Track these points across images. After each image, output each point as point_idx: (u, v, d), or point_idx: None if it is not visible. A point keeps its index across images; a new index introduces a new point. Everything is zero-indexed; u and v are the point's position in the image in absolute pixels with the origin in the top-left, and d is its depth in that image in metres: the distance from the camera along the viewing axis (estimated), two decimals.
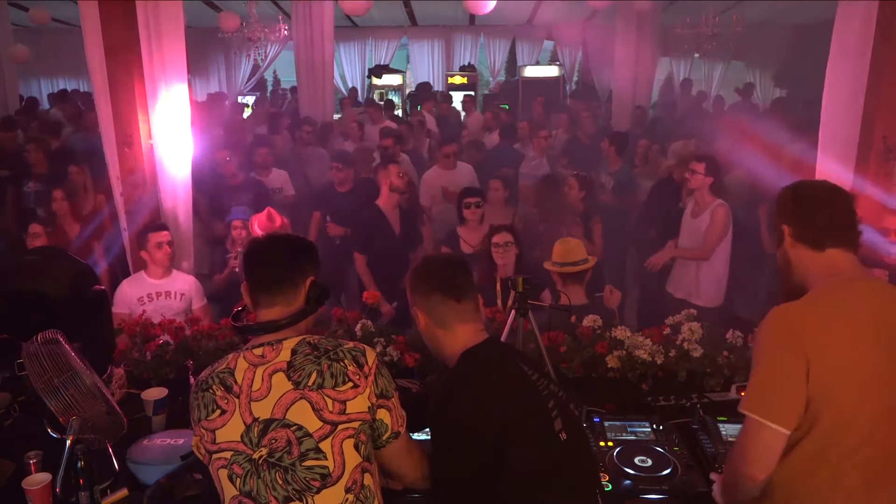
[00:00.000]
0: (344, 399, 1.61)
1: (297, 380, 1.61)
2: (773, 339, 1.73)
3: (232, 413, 1.61)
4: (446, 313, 1.87)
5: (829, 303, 1.75)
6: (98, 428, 2.05)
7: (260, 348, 1.67)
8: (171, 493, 2.14)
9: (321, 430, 1.59)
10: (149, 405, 2.59)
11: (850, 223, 1.83)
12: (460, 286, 1.89)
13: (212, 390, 1.64)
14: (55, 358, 2.01)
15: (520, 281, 2.61)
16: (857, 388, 1.68)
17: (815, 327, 1.69)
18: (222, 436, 1.61)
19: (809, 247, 1.83)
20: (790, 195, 1.90)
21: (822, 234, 1.81)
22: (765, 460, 1.71)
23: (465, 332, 1.88)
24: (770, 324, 1.75)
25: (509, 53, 13.76)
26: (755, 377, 1.73)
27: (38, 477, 2.10)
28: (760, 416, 1.69)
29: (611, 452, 2.36)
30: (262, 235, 2.32)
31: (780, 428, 1.68)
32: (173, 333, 3.09)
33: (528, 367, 1.88)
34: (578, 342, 2.99)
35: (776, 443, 1.70)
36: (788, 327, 1.71)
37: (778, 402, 1.69)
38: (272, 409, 1.59)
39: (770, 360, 1.71)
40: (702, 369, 2.90)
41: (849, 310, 1.73)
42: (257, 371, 1.63)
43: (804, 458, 1.72)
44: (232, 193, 5.18)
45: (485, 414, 1.71)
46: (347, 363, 1.65)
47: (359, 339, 3.03)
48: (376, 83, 13.00)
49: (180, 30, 3.68)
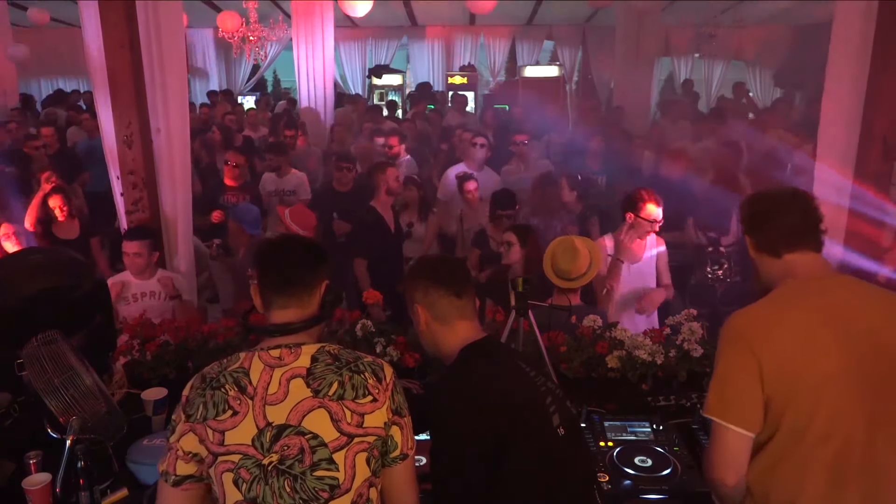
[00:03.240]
0: (363, 412, 1.59)
1: (316, 388, 1.58)
2: (726, 344, 1.78)
3: (245, 415, 1.56)
4: (448, 309, 1.88)
5: (781, 305, 1.80)
6: (98, 428, 2.05)
7: (277, 350, 1.63)
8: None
9: (337, 440, 1.56)
10: (149, 405, 2.59)
11: (808, 227, 1.88)
12: (460, 283, 1.91)
13: (224, 389, 1.58)
14: (55, 358, 2.01)
15: (520, 281, 2.61)
16: (814, 384, 1.69)
17: (765, 330, 1.74)
18: (232, 438, 1.55)
19: (768, 254, 1.91)
20: (746, 207, 1.99)
21: (777, 242, 1.88)
22: (732, 463, 1.74)
23: (464, 329, 1.89)
24: (724, 329, 1.80)
25: (509, 53, 13.76)
26: (713, 381, 1.78)
27: (38, 477, 2.10)
28: (721, 419, 1.73)
29: (611, 452, 2.36)
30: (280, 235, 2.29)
31: (742, 430, 1.72)
32: (173, 333, 3.09)
33: (525, 364, 1.90)
34: (578, 342, 2.99)
35: (741, 445, 1.73)
36: (738, 331, 1.76)
37: (737, 405, 1.73)
38: (287, 415, 1.56)
39: (725, 365, 1.77)
40: (702, 369, 2.90)
41: (800, 309, 1.77)
42: (274, 373, 1.59)
43: (771, 457, 1.74)
44: (230, 193, 5.19)
45: (484, 408, 1.71)
46: (367, 376, 1.63)
47: (359, 339, 3.03)
48: (376, 83, 13.00)
49: (180, 30, 3.68)
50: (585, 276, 3.21)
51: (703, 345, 2.93)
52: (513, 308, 2.63)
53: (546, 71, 13.17)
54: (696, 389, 2.81)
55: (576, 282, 3.21)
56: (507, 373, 1.84)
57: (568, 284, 3.22)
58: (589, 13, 11.22)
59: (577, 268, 3.18)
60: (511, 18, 12.22)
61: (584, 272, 3.20)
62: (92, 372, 2.14)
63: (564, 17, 12.14)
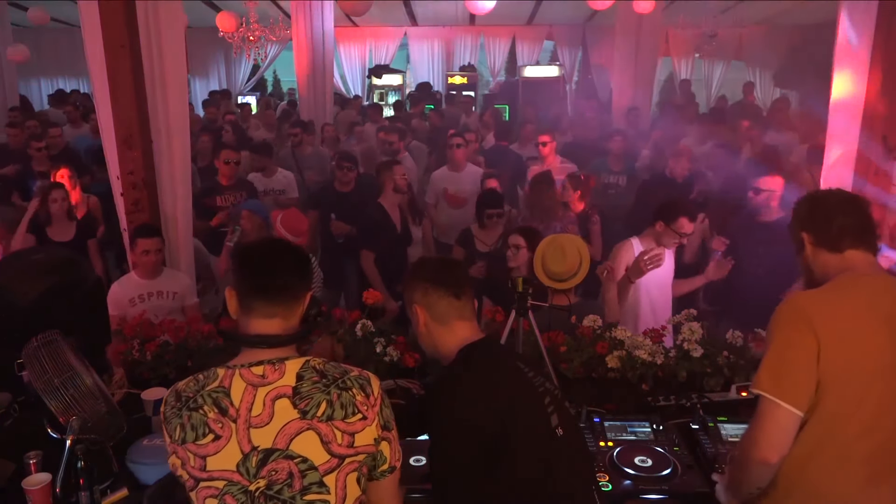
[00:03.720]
0: (353, 431, 1.53)
1: (304, 409, 1.49)
2: (786, 322, 1.78)
3: (228, 439, 1.46)
4: (447, 310, 1.89)
5: (843, 291, 1.82)
6: (98, 428, 2.05)
7: (259, 367, 1.52)
8: (171, 493, 2.14)
9: (328, 463, 1.50)
10: (149, 405, 2.59)
11: (867, 227, 1.91)
12: (460, 284, 1.92)
13: (202, 411, 1.47)
14: (55, 358, 2.01)
15: (520, 281, 2.61)
16: (865, 375, 1.71)
17: (828, 312, 1.75)
18: (215, 463, 1.46)
19: (829, 250, 1.91)
20: (806, 205, 2.00)
21: (840, 237, 1.89)
22: (778, 442, 1.73)
23: (463, 330, 1.90)
24: (784, 307, 1.81)
25: (509, 53, 13.77)
26: (768, 358, 1.78)
27: (38, 477, 2.10)
28: (774, 395, 1.73)
29: (611, 452, 2.36)
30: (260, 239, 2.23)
31: (793, 409, 1.71)
32: (173, 333, 3.09)
33: (524, 364, 1.91)
34: (578, 342, 2.99)
35: (789, 424, 1.73)
36: (801, 310, 1.77)
37: (791, 383, 1.73)
38: (274, 439, 1.47)
39: (782, 342, 1.77)
40: (702, 369, 2.90)
41: (862, 299, 1.79)
42: (258, 393, 1.49)
43: (807, 446, 1.74)
44: (227, 193, 5.16)
45: (482, 408, 1.72)
46: (356, 392, 1.55)
47: (359, 339, 3.03)
48: (376, 83, 13.01)
49: (180, 30, 3.68)
50: (576, 276, 3.19)
51: (703, 345, 2.93)
52: (513, 308, 2.63)
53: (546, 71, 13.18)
54: (696, 389, 2.81)
55: (566, 283, 3.19)
56: (505, 373, 1.84)
57: (558, 286, 3.20)
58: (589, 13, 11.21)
59: (566, 269, 3.16)
60: (511, 18, 12.23)
61: (574, 272, 3.18)
62: (92, 372, 2.14)
63: (564, 17, 12.14)
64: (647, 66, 8.98)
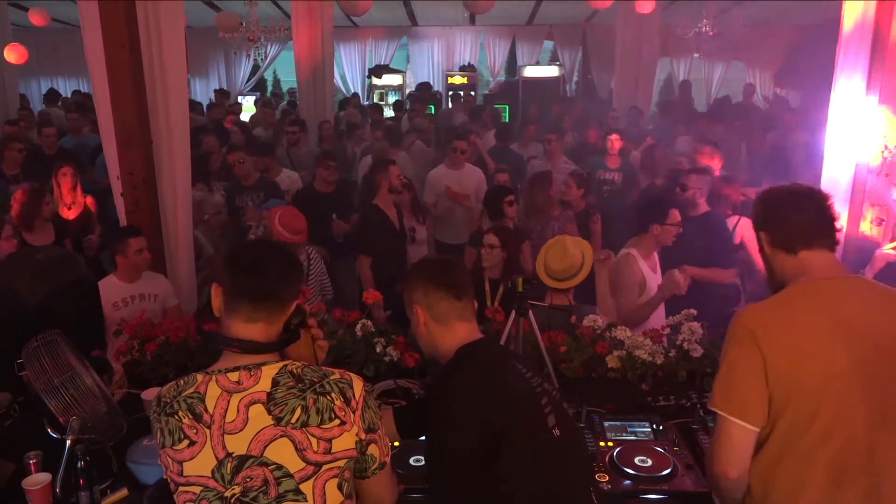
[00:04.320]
0: (330, 437, 1.50)
1: (278, 415, 1.47)
2: (733, 338, 1.80)
3: (202, 445, 1.46)
4: (447, 310, 1.89)
5: (790, 301, 1.82)
6: (98, 428, 2.05)
7: (235, 373, 1.51)
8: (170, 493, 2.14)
9: (303, 470, 1.47)
10: (149, 405, 2.58)
11: (824, 225, 1.87)
12: (460, 285, 1.92)
13: (178, 416, 1.48)
14: (55, 358, 2.01)
15: (520, 281, 2.60)
16: (818, 383, 1.70)
17: (771, 325, 1.75)
18: (191, 469, 1.47)
19: (784, 251, 1.89)
20: (761, 203, 1.98)
21: (794, 239, 1.87)
22: (735, 458, 1.76)
23: (462, 330, 1.90)
24: (732, 323, 1.82)
25: (509, 53, 13.78)
26: (719, 375, 1.80)
27: (38, 477, 2.10)
28: (726, 412, 1.75)
29: (611, 452, 2.36)
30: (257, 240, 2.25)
31: (747, 424, 1.74)
32: (173, 333, 3.08)
33: (522, 365, 1.90)
34: (578, 342, 2.99)
35: (745, 439, 1.75)
36: (744, 326, 1.77)
37: (741, 399, 1.75)
38: (248, 445, 1.46)
39: (731, 359, 1.78)
40: (702, 369, 2.90)
41: (810, 307, 1.79)
42: (232, 399, 1.48)
43: (772, 455, 1.76)
44: (244, 193, 5.15)
45: (477, 408, 1.71)
46: (335, 396, 1.52)
47: (359, 339, 3.02)
48: (376, 83, 13.01)
49: (180, 30, 3.68)
50: (577, 276, 3.21)
51: (703, 345, 2.93)
52: (513, 308, 2.63)
53: (546, 71, 13.19)
54: (696, 389, 2.81)
55: (567, 282, 3.21)
56: (502, 373, 1.83)
57: (559, 285, 3.22)
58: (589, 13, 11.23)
59: (567, 266, 3.18)
60: (511, 18, 12.24)
61: (575, 272, 3.20)
62: (92, 372, 2.14)
63: (564, 17, 12.15)
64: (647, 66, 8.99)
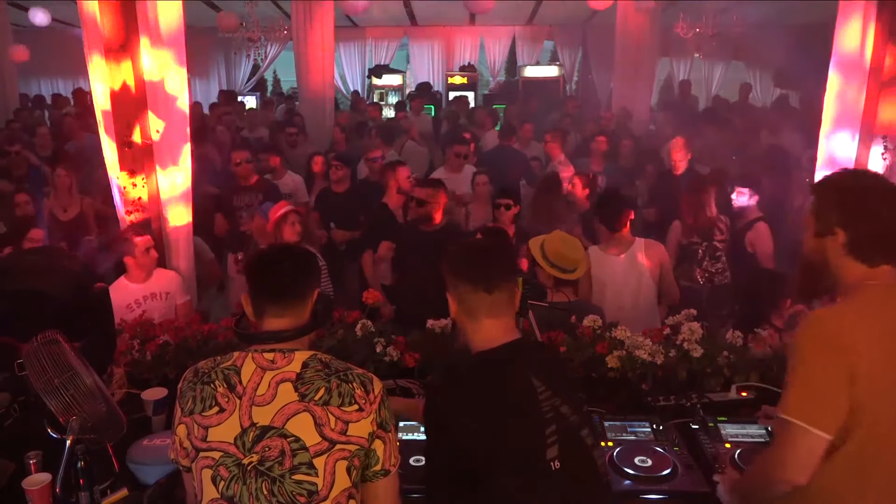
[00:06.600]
0: (347, 420, 1.60)
1: (303, 392, 1.60)
2: (814, 344, 1.68)
3: (231, 413, 1.59)
4: (477, 305, 1.76)
5: (873, 308, 1.70)
6: (98, 428, 2.05)
7: (271, 353, 1.66)
8: (171, 493, 2.15)
9: (319, 445, 1.57)
10: (149, 405, 2.59)
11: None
12: (493, 277, 1.77)
13: (213, 385, 1.62)
14: (55, 358, 2.01)
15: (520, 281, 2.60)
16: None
17: (859, 334, 1.65)
18: (215, 434, 1.59)
19: (861, 261, 1.73)
20: (853, 194, 1.74)
21: (880, 248, 1.71)
22: (807, 465, 1.67)
23: (491, 329, 1.78)
24: (811, 328, 1.70)
25: (509, 53, 13.77)
26: (795, 382, 1.68)
27: (38, 477, 2.10)
28: (803, 421, 1.65)
29: (611, 452, 2.36)
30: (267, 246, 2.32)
31: (823, 433, 1.65)
32: (173, 333, 3.08)
33: (541, 382, 1.74)
34: (578, 342, 2.99)
35: (818, 448, 1.66)
36: (830, 333, 1.67)
37: (820, 408, 1.65)
38: (273, 417, 1.58)
39: (811, 366, 1.67)
40: (702, 369, 2.90)
41: (892, 317, 1.69)
42: (265, 376, 1.62)
43: (842, 466, 1.68)
44: (243, 194, 5.14)
45: (472, 428, 1.66)
46: (356, 386, 1.64)
47: (359, 339, 3.03)
48: (376, 83, 13.01)
49: (180, 30, 3.68)
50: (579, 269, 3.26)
51: (703, 345, 2.92)
52: None
53: (546, 71, 13.18)
54: (696, 389, 2.81)
55: (574, 273, 3.24)
56: (508, 394, 1.71)
57: (569, 276, 3.23)
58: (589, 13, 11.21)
59: (582, 257, 3.23)
60: (511, 18, 12.24)
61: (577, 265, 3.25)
62: (92, 372, 2.13)
63: (564, 17, 12.14)
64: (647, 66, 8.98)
